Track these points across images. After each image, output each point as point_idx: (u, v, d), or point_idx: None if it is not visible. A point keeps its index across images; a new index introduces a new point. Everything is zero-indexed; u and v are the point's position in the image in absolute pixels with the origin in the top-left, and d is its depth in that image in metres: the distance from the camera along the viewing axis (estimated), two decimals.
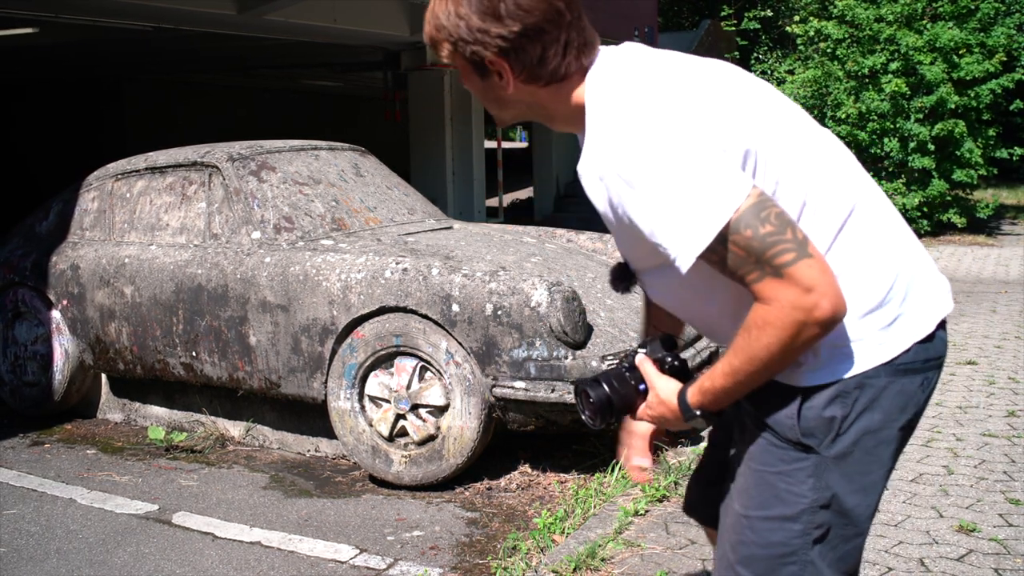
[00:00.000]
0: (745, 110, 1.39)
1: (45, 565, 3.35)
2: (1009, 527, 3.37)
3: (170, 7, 7.83)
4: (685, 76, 1.39)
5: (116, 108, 15.73)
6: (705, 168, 1.27)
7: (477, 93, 1.46)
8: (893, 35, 11.19)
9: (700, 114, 1.33)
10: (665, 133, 1.29)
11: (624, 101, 1.34)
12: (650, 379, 1.49)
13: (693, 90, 1.37)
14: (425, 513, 3.72)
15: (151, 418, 5.01)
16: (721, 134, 1.32)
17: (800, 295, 1.26)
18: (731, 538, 1.50)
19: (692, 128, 1.30)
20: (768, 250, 1.27)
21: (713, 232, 1.26)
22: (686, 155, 1.27)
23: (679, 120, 1.30)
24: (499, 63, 1.39)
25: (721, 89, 1.40)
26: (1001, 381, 5.33)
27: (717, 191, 1.26)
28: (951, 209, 11.53)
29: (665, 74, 1.38)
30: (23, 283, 5.05)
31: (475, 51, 1.38)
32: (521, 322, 3.68)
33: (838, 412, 1.40)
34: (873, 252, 1.44)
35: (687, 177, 1.26)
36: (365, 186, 4.97)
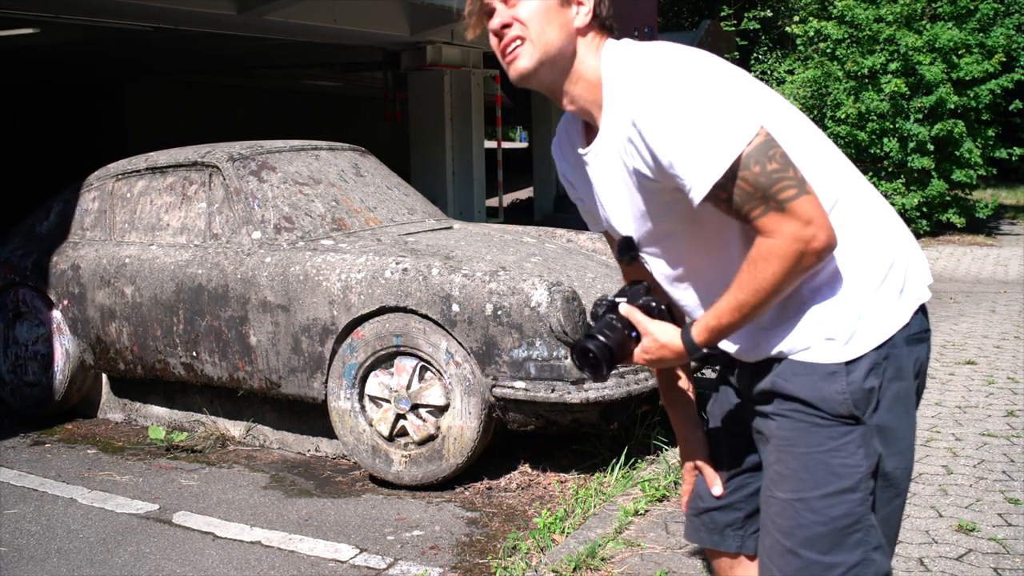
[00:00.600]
0: (756, 89, 1.50)
1: (46, 564, 3.36)
2: (1008, 527, 3.38)
3: (170, 7, 7.84)
4: (701, 52, 1.50)
5: (116, 108, 15.73)
6: (724, 100, 1.39)
7: (541, 23, 1.50)
8: (892, 35, 11.20)
9: (727, 75, 1.46)
10: (690, 70, 1.42)
11: (650, 57, 1.46)
12: (643, 325, 1.58)
13: (718, 62, 1.49)
14: (425, 513, 3.72)
15: (151, 418, 5.01)
16: (744, 91, 1.45)
17: (801, 227, 1.37)
18: (782, 525, 1.55)
19: (714, 69, 1.44)
20: (773, 186, 1.37)
21: (730, 159, 1.36)
22: (709, 87, 1.39)
23: (702, 64, 1.44)
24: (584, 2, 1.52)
25: (736, 70, 1.51)
26: (1000, 381, 5.34)
27: (733, 123, 1.37)
28: (950, 209, 11.54)
29: (683, 47, 1.50)
30: (24, 283, 5.06)
31: None
32: (521, 322, 3.68)
33: (875, 382, 1.50)
34: (880, 224, 1.56)
35: (708, 107, 1.37)
36: (365, 186, 4.97)
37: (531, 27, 1.51)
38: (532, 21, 1.51)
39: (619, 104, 1.47)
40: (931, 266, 9.60)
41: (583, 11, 1.52)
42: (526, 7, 1.51)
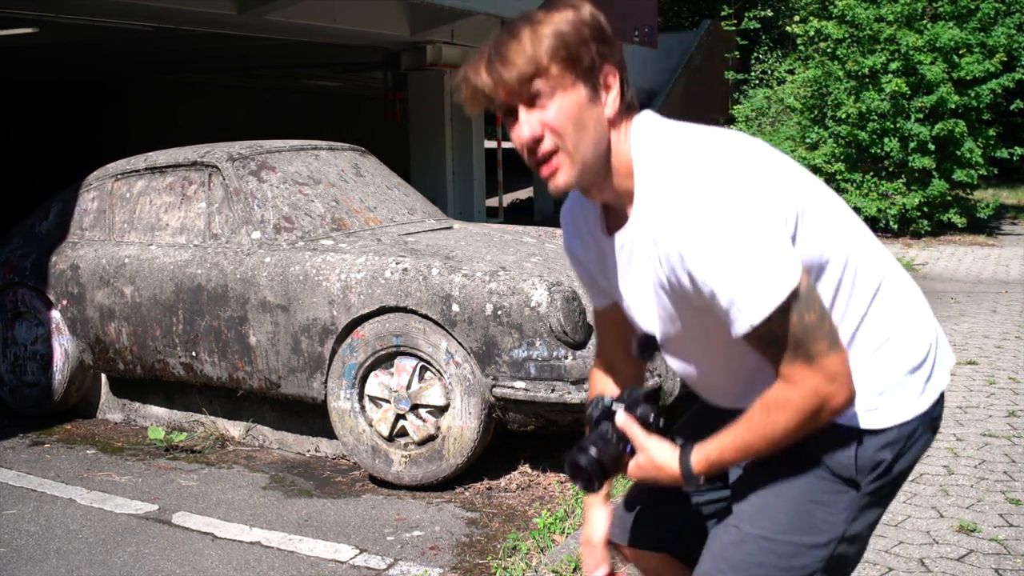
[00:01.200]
0: (790, 174, 1.42)
1: (45, 565, 3.35)
2: (1009, 527, 3.37)
3: (170, 7, 7.83)
4: (731, 139, 1.41)
5: (117, 108, 15.73)
6: (775, 238, 1.30)
7: (575, 124, 1.35)
8: (893, 35, 11.19)
9: (763, 178, 1.35)
10: (735, 186, 1.31)
11: (690, 162, 1.35)
12: (639, 442, 1.50)
13: (747, 152, 1.39)
14: (425, 513, 3.72)
15: (151, 418, 5.01)
16: (781, 200, 1.35)
17: (824, 383, 1.33)
18: (735, 557, 1.51)
19: (761, 192, 1.32)
20: (807, 336, 1.32)
21: (773, 305, 1.29)
22: (759, 220, 1.30)
23: (748, 183, 1.32)
24: (613, 74, 1.38)
25: (767, 153, 1.42)
26: (1001, 381, 5.33)
27: (780, 267, 1.30)
28: (951, 209, 11.53)
29: (714, 136, 1.40)
30: (23, 283, 5.05)
31: (595, 54, 1.36)
32: (521, 322, 3.68)
33: (887, 455, 1.47)
34: (916, 307, 1.52)
35: (761, 243, 1.29)
36: (365, 186, 4.97)
37: (566, 137, 1.35)
38: (566, 129, 1.35)
39: (655, 211, 1.37)
40: (932, 266, 9.63)
41: (611, 97, 1.38)
42: (556, 110, 1.34)
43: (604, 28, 1.39)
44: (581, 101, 1.35)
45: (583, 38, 1.36)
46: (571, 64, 1.34)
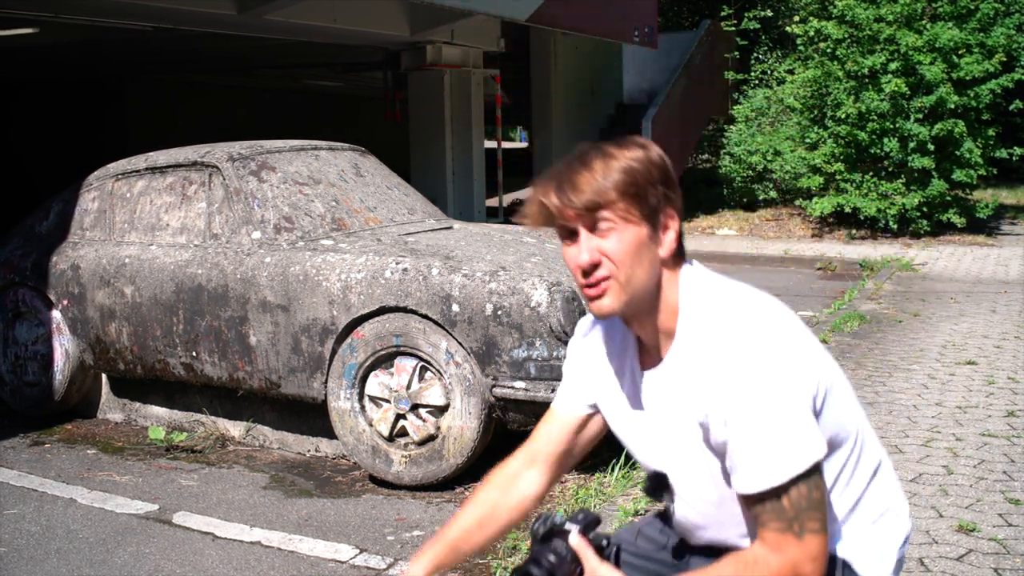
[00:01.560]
0: (818, 350, 1.46)
1: (45, 565, 3.35)
2: (1009, 527, 3.37)
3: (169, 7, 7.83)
4: (773, 307, 1.45)
5: (117, 108, 15.72)
6: (806, 411, 1.36)
7: (633, 258, 1.41)
8: (893, 35, 11.19)
9: (801, 351, 1.40)
10: (781, 362, 1.36)
11: (737, 319, 1.40)
12: (592, 566, 1.50)
13: (787, 324, 1.43)
14: (425, 513, 3.72)
15: (151, 418, 5.01)
16: (814, 376, 1.40)
17: (804, 561, 1.37)
18: None
19: (800, 365, 1.38)
20: (805, 513, 1.37)
21: (788, 476, 1.35)
22: (797, 390, 1.36)
23: (789, 353, 1.37)
24: (673, 218, 1.43)
25: (800, 326, 1.46)
26: (1001, 381, 5.33)
27: (811, 436, 1.36)
28: (951, 209, 11.53)
29: (759, 301, 1.45)
30: (23, 283, 5.05)
31: (661, 196, 1.41)
32: (521, 322, 3.68)
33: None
34: (897, 489, 1.60)
35: (795, 412, 1.35)
36: (365, 186, 4.97)
37: (621, 268, 1.40)
38: (624, 261, 1.40)
39: (700, 358, 1.41)
40: (931, 266, 9.64)
41: (669, 239, 1.44)
42: (616, 243, 1.40)
43: (670, 171, 1.44)
44: (641, 237, 1.41)
45: (651, 178, 1.41)
46: (636, 201, 1.40)
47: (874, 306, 7.68)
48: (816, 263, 10.34)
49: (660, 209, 1.42)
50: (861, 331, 6.73)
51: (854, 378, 5.47)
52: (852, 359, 5.93)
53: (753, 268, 10.39)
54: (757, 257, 10.92)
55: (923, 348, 6.18)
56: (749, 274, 9.89)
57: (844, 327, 6.76)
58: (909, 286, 8.62)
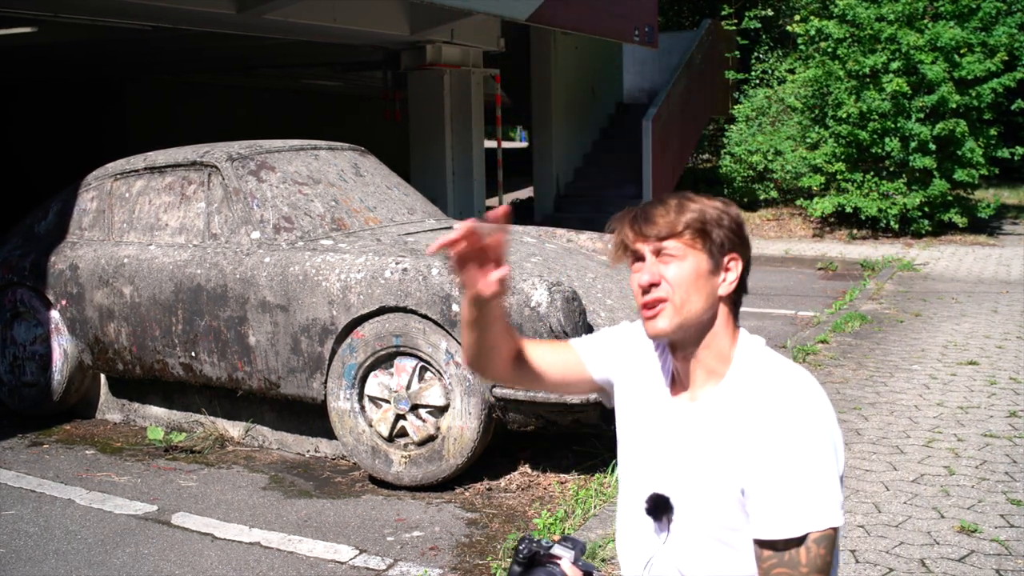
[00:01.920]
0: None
1: (43, 566, 3.34)
2: (1011, 528, 3.36)
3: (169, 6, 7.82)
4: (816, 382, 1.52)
5: (117, 108, 15.71)
6: (838, 478, 1.43)
7: (691, 286, 1.50)
8: (894, 34, 11.17)
9: (837, 428, 1.48)
10: (827, 431, 1.44)
11: (793, 381, 1.48)
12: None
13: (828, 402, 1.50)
14: (425, 514, 3.71)
15: (150, 418, 5.00)
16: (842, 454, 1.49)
17: None
18: None
19: (838, 438, 1.46)
20: (817, 572, 1.41)
21: (831, 523, 1.39)
22: (836, 457, 1.43)
23: (833, 425, 1.46)
24: (736, 262, 1.54)
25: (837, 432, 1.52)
26: (1003, 381, 5.32)
27: (838, 502, 1.42)
28: (952, 209, 11.51)
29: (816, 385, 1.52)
30: (22, 283, 5.04)
31: (726, 238, 1.51)
32: (521, 322, 3.67)
33: None
34: None
35: (834, 474, 1.41)
36: (365, 186, 4.96)
37: (677, 292, 1.49)
38: (681, 286, 1.49)
39: (749, 406, 1.47)
40: (933, 266, 9.62)
41: (731, 278, 1.53)
42: (677, 269, 1.49)
43: (742, 228, 1.55)
44: (700, 268, 1.50)
45: (721, 223, 1.51)
46: (702, 236, 1.50)
47: (875, 306, 7.66)
48: (817, 263, 10.33)
49: (725, 250, 1.51)
50: (862, 331, 6.71)
51: (855, 378, 5.46)
52: (853, 359, 5.92)
53: (754, 268, 10.31)
54: (758, 257, 10.87)
55: (924, 348, 6.17)
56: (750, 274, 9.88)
57: (845, 327, 6.75)
58: (910, 286, 8.61)
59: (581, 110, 14.98)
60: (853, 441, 4.36)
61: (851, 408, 4.87)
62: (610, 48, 15.27)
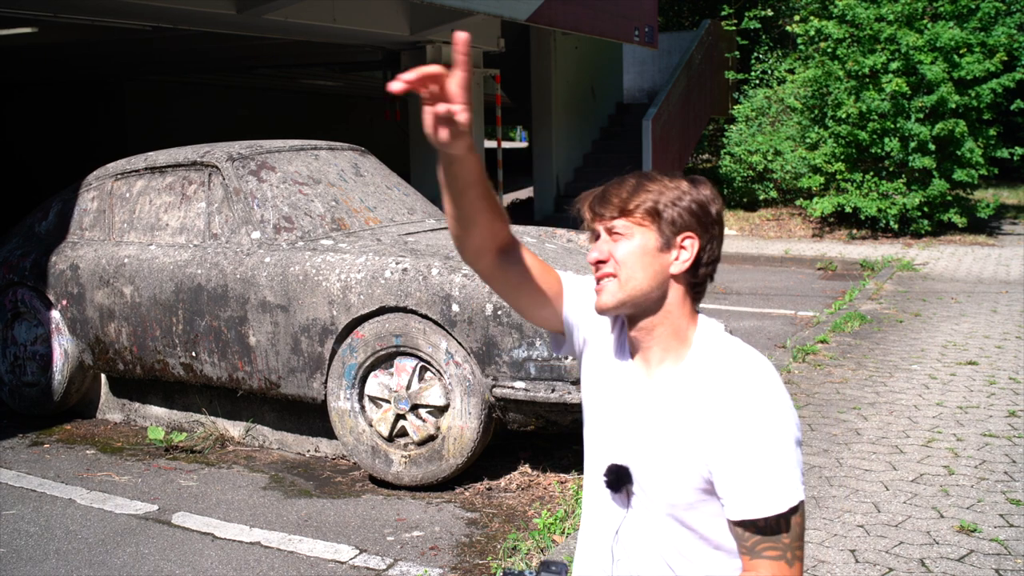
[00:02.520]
0: None
1: (44, 566, 3.34)
2: (1010, 527, 3.36)
3: (169, 6, 7.82)
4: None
5: (117, 108, 15.71)
6: (799, 455, 1.47)
7: (636, 262, 1.51)
8: (893, 34, 11.18)
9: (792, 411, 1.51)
10: (788, 409, 1.47)
11: (754, 362, 1.49)
12: None
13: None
14: (425, 513, 3.71)
15: (151, 418, 5.00)
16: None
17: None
18: None
19: (796, 418, 1.49)
20: (796, 542, 1.45)
21: (800, 499, 1.44)
22: (796, 437, 1.46)
23: (790, 405, 1.49)
24: (692, 242, 1.52)
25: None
26: (1002, 381, 5.32)
27: (801, 476, 1.47)
28: (952, 209, 11.52)
29: (771, 365, 1.54)
30: (22, 283, 5.04)
31: (680, 217, 1.51)
32: (521, 322, 3.67)
33: None
34: None
35: (796, 452, 1.46)
36: (365, 186, 4.96)
37: (623, 269, 1.51)
38: (626, 263, 1.51)
39: (712, 387, 1.48)
40: (932, 266, 9.63)
41: (684, 257, 1.52)
42: (624, 247, 1.52)
43: (705, 208, 1.52)
44: (648, 246, 1.51)
45: (678, 202, 1.51)
46: (652, 214, 1.51)
47: (875, 306, 7.67)
48: (817, 263, 10.33)
49: (678, 228, 1.50)
50: (862, 331, 6.72)
51: (855, 378, 5.47)
52: (853, 359, 5.92)
53: (754, 268, 10.38)
54: (758, 257, 10.90)
55: (924, 348, 6.17)
56: (749, 274, 9.89)
57: (845, 327, 6.75)
58: (910, 286, 8.61)
59: (581, 110, 14.99)
60: (853, 441, 4.36)
61: (851, 408, 4.87)
62: (610, 48, 15.28)
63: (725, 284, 9.18)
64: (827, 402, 4.99)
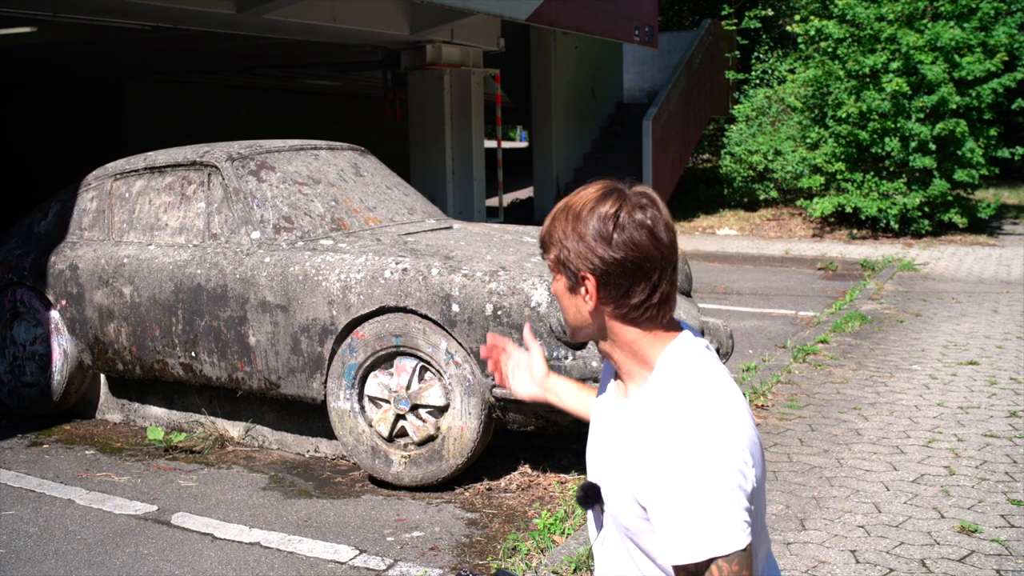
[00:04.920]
0: (756, 443, 1.46)
1: (43, 566, 3.34)
2: (1011, 528, 3.36)
3: (169, 6, 7.82)
4: (733, 393, 1.46)
5: (116, 108, 15.72)
6: (733, 498, 1.35)
7: (562, 302, 1.56)
8: (894, 34, 11.18)
9: (744, 442, 1.40)
10: (725, 446, 1.37)
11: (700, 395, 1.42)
12: None
13: (743, 416, 1.43)
14: (425, 514, 3.71)
15: (150, 418, 5.00)
16: (752, 469, 1.40)
17: None
18: None
19: (742, 456, 1.38)
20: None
21: (730, 550, 1.34)
22: (735, 474, 1.36)
23: (732, 441, 1.38)
24: (591, 282, 1.48)
25: (747, 418, 1.46)
26: (1003, 381, 5.32)
27: (740, 522, 1.35)
28: (952, 209, 11.51)
29: (730, 390, 1.45)
30: (22, 283, 5.04)
31: (576, 265, 1.48)
32: (521, 322, 3.67)
33: None
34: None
35: (730, 496, 1.34)
36: (365, 186, 4.95)
37: (562, 310, 1.57)
38: (558, 301, 1.57)
39: (651, 415, 1.43)
40: (933, 266, 9.62)
41: (587, 295, 1.49)
42: (555, 286, 1.56)
43: (598, 238, 1.45)
44: (560, 289, 1.53)
45: (564, 243, 1.49)
46: (554, 261, 1.52)
47: (875, 306, 7.66)
48: (817, 263, 10.33)
49: (572, 268, 1.48)
50: (862, 331, 6.71)
51: (855, 378, 5.46)
52: (853, 359, 5.92)
53: (754, 268, 10.37)
54: (758, 257, 10.90)
55: (925, 348, 6.17)
56: (750, 274, 9.88)
57: (845, 327, 6.75)
58: (910, 286, 8.61)
59: (581, 110, 14.98)
60: (853, 441, 4.36)
61: (851, 408, 4.87)
62: (610, 48, 15.27)
63: (726, 284, 9.17)
64: (827, 402, 4.99)
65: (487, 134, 13.84)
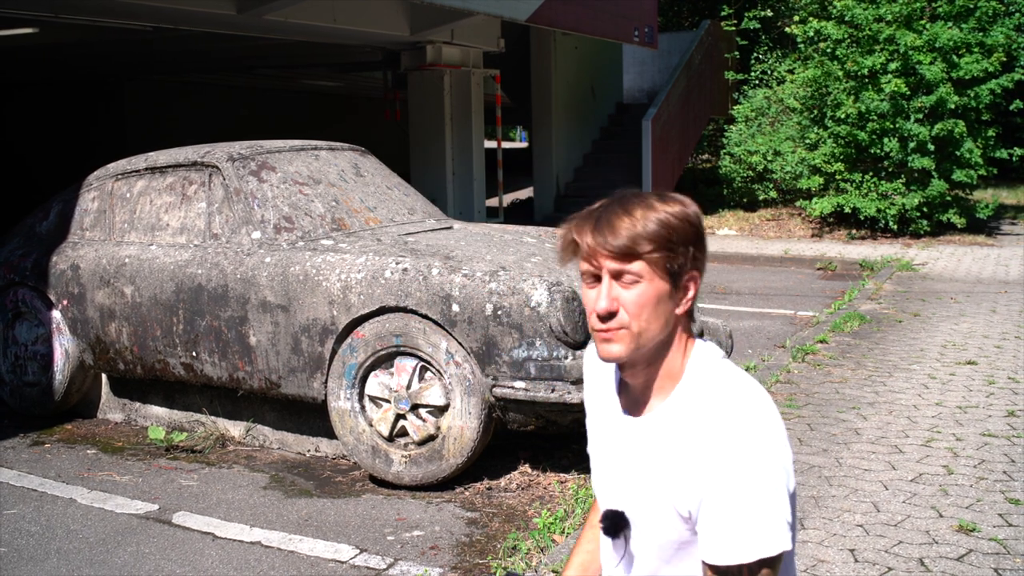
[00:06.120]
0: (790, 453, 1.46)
1: (45, 565, 3.35)
2: (1009, 527, 3.37)
3: (169, 7, 7.83)
4: (767, 398, 1.45)
5: (117, 108, 15.73)
6: (785, 503, 1.37)
7: (648, 310, 1.42)
8: (892, 35, 11.19)
9: (787, 447, 1.41)
10: (777, 448, 1.37)
11: (740, 397, 1.41)
12: None
13: (778, 419, 1.43)
14: (425, 513, 3.72)
15: (151, 418, 5.01)
16: (791, 474, 1.42)
17: None
18: None
19: (786, 458, 1.39)
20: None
21: (771, 552, 1.34)
22: (780, 481, 1.36)
23: (780, 443, 1.39)
24: (695, 281, 1.45)
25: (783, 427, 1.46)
26: (1001, 381, 5.33)
27: (784, 527, 1.36)
28: (951, 209, 11.53)
29: (760, 390, 1.46)
30: (23, 283, 5.05)
31: (688, 257, 1.42)
32: (521, 322, 3.68)
33: None
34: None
35: (777, 499, 1.35)
36: (365, 186, 4.97)
37: (637, 320, 1.41)
38: (640, 315, 1.41)
39: (692, 425, 1.42)
40: (931, 266, 9.64)
41: (688, 296, 1.45)
42: (637, 294, 1.41)
43: (702, 231, 1.45)
44: (661, 292, 1.42)
45: (685, 237, 1.42)
46: (666, 256, 1.40)
47: (874, 306, 7.68)
48: (816, 263, 10.34)
49: (685, 269, 1.43)
50: (861, 331, 6.72)
51: (854, 378, 5.47)
52: (852, 359, 5.93)
53: (753, 268, 10.39)
54: (757, 257, 10.91)
55: (923, 348, 6.18)
56: (749, 274, 9.90)
57: (844, 327, 6.76)
58: (909, 286, 8.62)
59: (581, 110, 14.99)
60: (852, 441, 4.37)
61: (850, 408, 4.88)
62: (610, 48, 15.28)
63: (725, 284, 9.19)
64: (826, 402, 5.00)
65: (487, 134, 13.86)
